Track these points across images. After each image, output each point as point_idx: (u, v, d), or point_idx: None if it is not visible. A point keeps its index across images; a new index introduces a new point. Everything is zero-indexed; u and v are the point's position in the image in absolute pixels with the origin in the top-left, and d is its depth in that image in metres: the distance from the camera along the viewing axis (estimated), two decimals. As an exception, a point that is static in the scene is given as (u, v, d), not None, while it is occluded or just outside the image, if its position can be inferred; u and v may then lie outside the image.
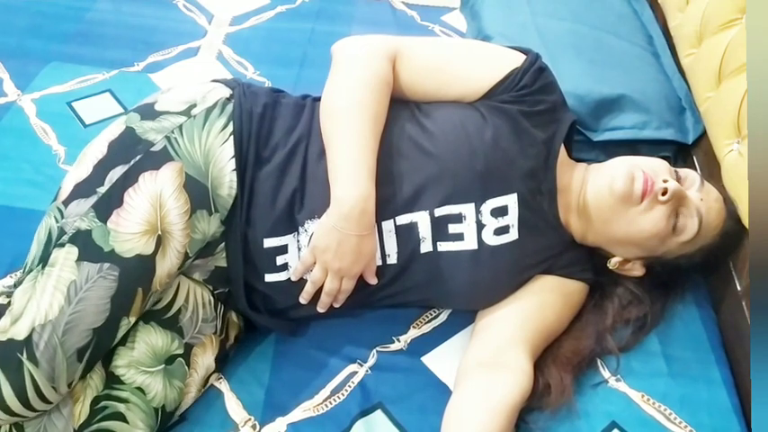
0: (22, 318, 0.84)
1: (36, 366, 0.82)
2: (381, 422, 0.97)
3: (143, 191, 0.91)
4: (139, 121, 0.96)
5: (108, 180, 0.92)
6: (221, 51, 1.69)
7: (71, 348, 0.84)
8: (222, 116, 0.97)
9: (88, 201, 0.91)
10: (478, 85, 1.01)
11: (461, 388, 0.95)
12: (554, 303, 1.03)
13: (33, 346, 0.82)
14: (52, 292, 0.85)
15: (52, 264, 0.87)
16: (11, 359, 0.82)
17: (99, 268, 0.86)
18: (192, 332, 0.98)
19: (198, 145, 0.95)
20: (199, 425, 0.97)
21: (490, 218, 0.98)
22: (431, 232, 0.98)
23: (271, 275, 0.99)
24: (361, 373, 1.03)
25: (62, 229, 0.90)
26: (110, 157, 0.95)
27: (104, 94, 1.53)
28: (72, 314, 0.84)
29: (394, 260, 0.99)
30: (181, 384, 0.96)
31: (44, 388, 0.83)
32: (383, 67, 0.98)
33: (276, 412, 0.98)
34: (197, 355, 0.98)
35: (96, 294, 0.86)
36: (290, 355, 1.05)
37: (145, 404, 0.91)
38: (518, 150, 0.98)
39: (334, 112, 0.96)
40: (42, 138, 1.41)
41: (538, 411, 0.96)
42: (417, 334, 1.08)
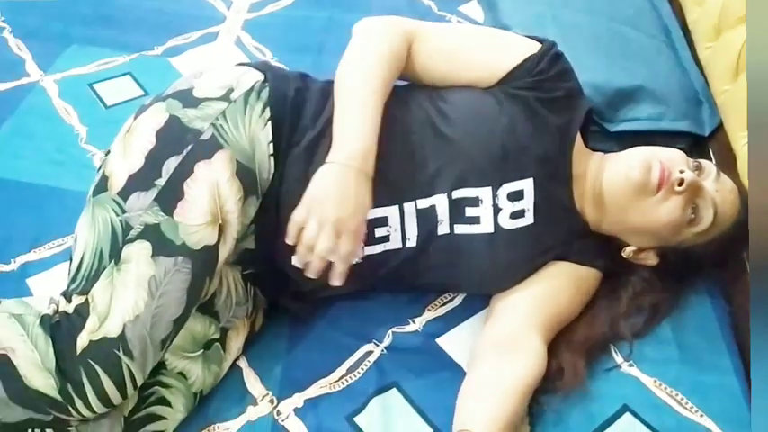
0: (111, 315, 0.85)
1: (132, 360, 0.85)
2: (396, 400, 0.99)
3: (201, 181, 0.91)
4: (182, 110, 0.96)
5: (165, 171, 0.91)
6: (240, 37, 1.70)
7: (157, 339, 0.87)
8: (259, 101, 0.98)
9: (149, 194, 0.90)
10: (494, 71, 1.02)
11: (475, 369, 0.97)
12: (567, 289, 1.05)
13: (127, 341, 0.85)
14: (135, 289, 0.86)
15: (126, 260, 0.88)
16: (109, 356, 0.84)
17: (174, 262, 0.88)
18: (227, 316, 1.00)
19: (243, 131, 0.95)
20: (218, 398, 0.99)
21: (507, 201, 0.99)
22: (448, 214, 1.00)
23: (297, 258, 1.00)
24: (377, 352, 1.05)
25: (127, 224, 0.89)
26: (160, 148, 0.94)
27: (125, 76, 1.55)
28: (156, 308, 0.86)
29: (414, 243, 1.01)
30: (217, 369, 0.98)
31: (137, 377, 0.86)
32: (396, 43, 1.00)
33: (293, 388, 1.00)
34: (231, 339, 1.01)
35: (174, 287, 0.88)
36: (306, 333, 1.07)
37: (186, 389, 0.94)
38: (533, 136, 1.00)
39: (343, 78, 0.97)
40: (64, 118, 1.43)
41: (551, 394, 0.97)
42: (432, 316, 1.10)
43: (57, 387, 0.83)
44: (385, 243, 1.01)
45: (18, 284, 1.12)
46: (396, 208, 0.99)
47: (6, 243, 1.18)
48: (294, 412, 0.97)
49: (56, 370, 0.83)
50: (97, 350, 0.84)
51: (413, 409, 0.98)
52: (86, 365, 0.83)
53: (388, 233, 1.00)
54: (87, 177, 1.25)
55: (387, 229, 1.00)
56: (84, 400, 0.83)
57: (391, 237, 1.00)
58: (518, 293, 1.04)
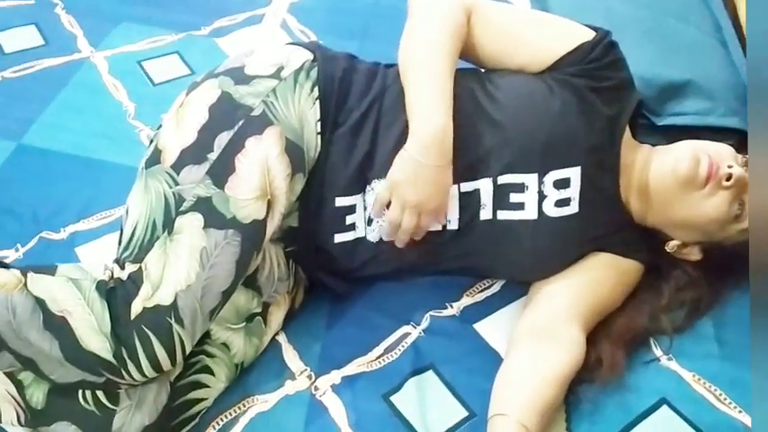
0: (163, 284, 0.87)
1: (182, 327, 0.87)
2: (433, 382, 1.00)
3: (251, 156, 0.93)
4: (234, 86, 0.97)
5: (216, 146, 0.93)
6: (285, 20, 1.71)
7: (206, 309, 0.89)
8: (308, 80, 0.99)
9: (201, 167, 0.92)
10: (547, 54, 1.01)
11: (513, 355, 0.97)
12: (609, 280, 1.04)
13: (179, 310, 0.87)
14: (187, 260, 0.88)
15: (179, 231, 0.90)
16: (161, 323, 0.86)
17: (225, 235, 0.90)
18: (269, 291, 1.01)
19: (292, 108, 0.97)
20: (258, 371, 1.01)
21: (552, 189, 0.99)
22: (492, 199, 1.00)
23: (340, 235, 1.01)
24: (415, 334, 1.05)
25: (180, 196, 0.91)
26: (212, 123, 0.95)
27: (173, 55, 1.57)
28: (206, 279, 0.88)
29: (455, 226, 1.01)
30: (258, 342, 1.00)
31: (187, 345, 0.88)
32: (458, 16, 0.99)
33: (331, 365, 1.02)
34: (272, 314, 1.02)
35: (224, 260, 0.89)
36: (345, 313, 1.08)
37: (228, 359, 0.96)
38: (583, 124, 0.99)
39: (411, 53, 0.98)
40: (113, 93, 1.46)
41: (588, 384, 0.98)
42: (470, 302, 1.10)
43: (111, 350, 0.85)
44: None
45: (67, 253, 1.15)
46: None
47: (56, 213, 1.21)
48: (331, 388, 0.99)
49: (111, 334, 0.85)
50: (150, 317, 0.86)
51: (449, 392, 0.99)
52: (140, 331, 0.86)
53: None
54: (134, 152, 1.29)
55: None
56: (136, 364, 0.86)
57: None
58: (559, 282, 1.04)
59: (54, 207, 1.22)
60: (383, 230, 1.00)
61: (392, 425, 0.95)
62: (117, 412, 0.88)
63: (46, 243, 1.17)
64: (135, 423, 0.89)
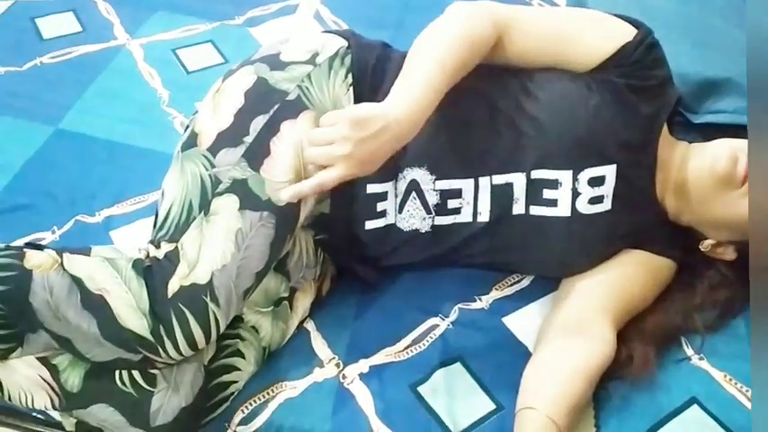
0: (200, 264, 0.88)
1: (218, 306, 0.88)
2: (460, 374, 1.00)
3: (286, 139, 0.94)
4: (269, 72, 0.98)
5: (252, 129, 0.94)
6: (318, 10, 1.72)
7: (241, 290, 0.90)
8: (343, 66, 1.00)
9: (237, 150, 0.93)
10: (589, 60, 0.99)
11: (543, 350, 0.97)
12: (641, 278, 1.03)
13: (214, 289, 0.88)
14: (223, 240, 0.89)
15: (215, 212, 0.91)
16: (197, 301, 0.87)
17: (260, 216, 0.91)
18: (297, 276, 1.02)
19: (327, 94, 0.97)
20: (287, 358, 1.02)
21: (587, 186, 0.98)
22: (525, 194, 0.99)
23: (371, 222, 1.02)
24: (443, 326, 1.06)
25: (216, 178, 0.92)
26: (248, 107, 0.97)
27: (206, 44, 1.59)
28: (241, 260, 0.89)
29: (485, 218, 1.01)
30: (284, 326, 1.01)
31: (221, 323, 0.90)
32: (482, 29, 0.96)
33: (359, 354, 1.02)
34: (298, 300, 1.03)
35: (259, 241, 0.91)
36: (373, 303, 1.09)
37: (257, 342, 0.97)
38: (621, 123, 0.98)
39: (419, 45, 0.95)
40: (148, 81, 1.48)
41: (618, 380, 0.97)
42: (500, 295, 1.10)
43: (149, 328, 0.86)
44: (455, 215, 1.02)
45: (102, 236, 1.17)
46: (471, 181, 1.00)
47: (92, 197, 1.23)
48: (359, 377, 1.00)
49: (150, 311, 0.87)
50: (187, 295, 0.87)
51: (476, 384, 0.99)
52: (177, 309, 0.87)
53: (460, 205, 1.01)
54: (168, 138, 1.31)
55: (459, 201, 1.01)
56: (173, 341, 0.87)
57: (463, 210, 1.01)
58: (590, 278, 1.03)
59: (89, 191, 1.24)
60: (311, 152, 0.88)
61: (419, 415, 0.95)
62: (155, 394, 0.90)
63: (81, 226, 1.19)
64: (172, 404, 0.90)
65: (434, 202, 1.01)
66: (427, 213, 1.02)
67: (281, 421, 0.96)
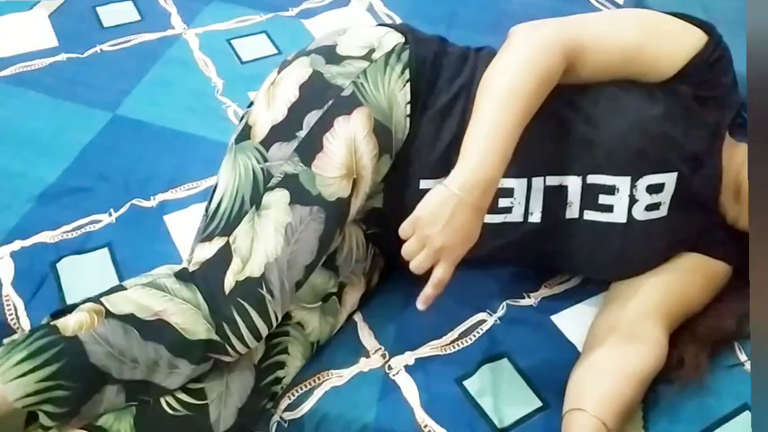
0: (252, 258, 0.90)
1: (273, 298, 0.90)
2: (507, 370, 1.00)
3: (339, 135, 0.94)
4: (325, 66, 0.99)
5: (306, 124, 0.95)
6: (371, 3, 1.72)
7: (292, 282, 0.91)
8: (399, 62, 0.99)
9: (290, 145, 0.94)
10: (660, 74, 0.95)
11: (593, 351, 0.96)
12: (696, 281, 1.01)
13: (268, 282, 0.89)
14: (274, 235, 0.91)
15: (266, 206, 0.92)
16: (254, 294, 0.89)
17: (310, 211, 0.92)
18: (346, 271, 1.03)
19: (382, 90, 0.97)
20: (333, 347, 1.03)
21: (644, 194, 0.96)
22: (579, 198, 0.98)
23: None
24: (490, 322, 1.05)
25: (268, 172, 0.93)
26: (303, 101, 0.97)
27: (260, 34, 1.61)
28: (291, 253, 0.91)
29: (537, 219, 1.00)
30: (333, 321, 1.02)
31: (279, 314, 0.91)
32: (554, 64, 0.91)
33: (405, 346, 1.03)
34: (347, 294, 1.04)
35: (308, 235, 0.92)
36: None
37: (303, 338, 0.99)
38: (684, 132, 0.95)
39: (490, 88, 0.91)
40: (203, 70, 1.50)
41: (668, 383, 0.95)
42: (548, 293, 1.09)
43: (213, 328, 0.88)
44: (506, 214, 1.01)
45: (157, 220, 1.20)
46: (524, 181, 0.99)
47: (147, 181, 1.26)
48: (404, 369, 1.00)
49: (210, 313, 0.88)
50: (244, 289, 0.89)
51: (523, 381, 0.98)
52: (237, 304, 0.88)
53: (511, 205, 1.00)
54: (221, 127, 1.34)
55: (511, 200, 1.00)
56: (238, 336, 0.88)
57: (514, 209, 1.00)
58: (645, 280, 1.01)
59: (145, 176, 1.27)
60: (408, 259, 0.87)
61: (464, 409, 0.96)
62: (210, 405, 0.91)
63: (137, 210, 1.22)
64: (230, 408, 0.92)
65: None
66: None
67: (327, 409, 0.97)
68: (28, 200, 1.21)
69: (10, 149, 1.30)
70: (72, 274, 1.11)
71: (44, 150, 1.30)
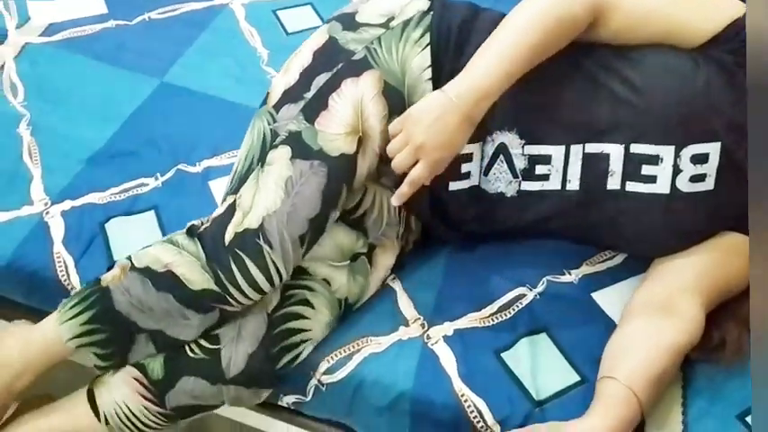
0: (252, 210, 0.93)
1: (271, 249, 0.92)
2: (546, 344, 1.00)
3: (346, 95, 0.96)
4: (341, 32, 1.02)
5: (314, 86, 0.98)
6: (417, -22, 1.71)
7: (294, 235, 0.93)
8: (419, 28, 1.00)
9: (297, 105, 0.98)
10: (697, 37, 0.96)
11: (628, 323, 0.96)
12: (737, 261, 1.00)
13: (266, 232, 0.92)
14: (274, 188, 0.94)
15: (270, 163, 0.96)
16: (252, 245, 0.92)
17: (310, 165, 0.94)
18: (376, 233, 1.04)
19: (395, 55, 0.99)
20: (372, 314, 1.04)
21: (689, 164, 0.96)
22: (622, 168, 0.97)
23: (455, 183, 1.02)
24: (530, 296, 1.05)
25: (275, 132, 0.97)
26: (314, 65, 1.01)
27: (306, 6, 1.61)
28: (291, 205, 0.93)
29: (575, 186, 1.00)
30: (363, 280, 1.03)
31: (280, 267, 0.93)
32: (574, 13, 0.93)
33: (444, 316, 1.04)
34: (378, 255, 1.05)
35: (309, 188, 0.93)
36: (460, 268, 1.10)
37: (329, 294, 1.00)
38: (728, 101, 0.94)
39: (508, 20, 0.95)
40: (249, 40, 1.51)
41: (709, 363, 0.95)
42: (590, 271, 1.09)
43: (213, 279, 0.92)
44: (543, 182, 1.01)
45: (201, 185, 1.22)
46: (562, 148, 0.98)
47: (193, 148, 1.28)
48: (443, 339, 1.01)
49: (207, 263, 0.92)
50: (241, 240, 0.92)
51: (561, 356, 0.99)
52: (234, 254, 0.92)
53: (548, 172, 1.00)
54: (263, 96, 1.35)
55: (548, 167, 1.00)
56: (236, 286, 0.92)
57: (551, 177, 1.00)
58: (684, 258, 1.00)
59: (190, 142, 1.29)
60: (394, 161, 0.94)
61: (501, 380, 0.96)
62: (222, 349, 0.96)
63: (182, 175, 1.24)
64: (240, 353, 0.96)
65: (522, 166, 1.00)
66: (514, 177, 1.01)
67: (365, 374, 0.98)
68: (78, 162, 1.24)
69: (61, 112, 1.33)
70: (119, 234, 1.14)
71: (93, 114, 1.33)
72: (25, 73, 1.39)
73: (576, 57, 0.98)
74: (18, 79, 1.38)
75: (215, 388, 0.97)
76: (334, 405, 1.02)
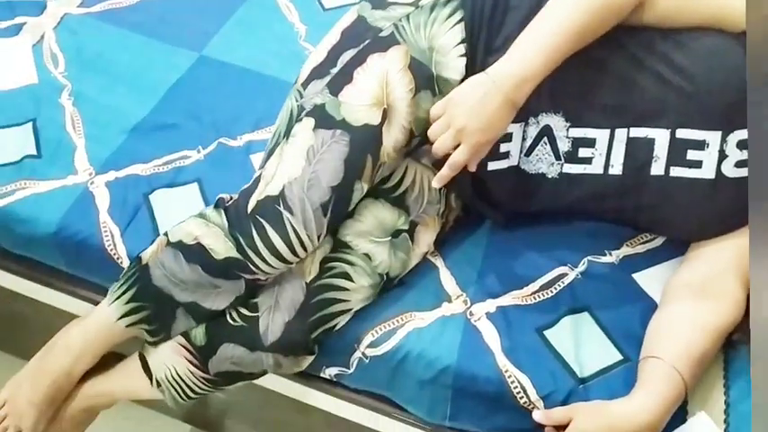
0: (274, 179, 0.95)
1: (292, 215, 0.93)
2: (588, 323, 1.01)
3: (371, 69, 0.97)
4: (370, 10, 1.04)
5: (340, 62, 1.00)
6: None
7: (316, 203, 0.93)
8: (449, 6, 1.00)
9: (323, 81, 0.99)
10: (743, 22, 0.95)
11: (670, 304, 0.97)
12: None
13: (286, 199, 0.93)
14: (296, 157, 0.95)
15: (294, 134, 0.97)
16: (272, 212, 0.93)
17: (332, 134, 0.95)
18: (417, 211, 1.05)
19: (422, 32, 0.99)
20: (415, 290, 1.05)
21: (735, 149, 0.96)
22: (667, 153, 0.98)
23: (493, 163, 1.03)
24: (571, 276, 1.06)
25: (302, 107, 0.99)
26: (342, 43, 1.03)
27: (344, -18, 1.60)
28: (312, 173, 0.94)
29: (617, 171, 1.00)
30: (404, 256, 1.04)
31: (302, 235, 0.93)
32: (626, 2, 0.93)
33: (486, 294, 1.05)
34: (420, 233, 1.06)
35: (331, 156, 0.94)
36: (502, 246, 1.11)
37: (370, 268, 1.01)
38: None
39: (552, 5, 0.93)
40: (287, 15, 1.51)
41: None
42: (630, 252, 1.09)
43: (235, 247, 0.94)
44: (586, 165, 1.01)
45: (243, 159, 1.23)
46: (606, 132, 0.99)
47: (234, 122, 1.29)
48: (486, 316, 1.02)
49: (229, 231, 0.94)
50: (262, 207, 0.94)
51: (604, 335, 1.00)
52: (255, 221, 0.93)
53: (591, 155, 1.00)
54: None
55: (591, 151, 1.00)
56: (257, 253, 0.93)
57: (594, 160, 1.00)
58: (725, 239, 1.00)
59: (230, 116, 1.30)
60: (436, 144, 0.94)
61: (545, 357, 0.98)
62: (260, 317, 0.98)
63: (224, 148, 1.25)
64: (277, 321, 0.98)
65: (565, 149, 1.01)
66: (556, 159, 1.02)
67: (409, 348, 1.00)
68: (120, 132, 1.25)
69: (101, 83, 1.34)
70: (164, 206, 1.15)
71: (134, 86, 1.33)
72: (65, 43, 1.40)
73: (621, 39, 0.97)
74: (58, 49, 1.39)
75: (254, 355, 0.98)
76: (376, 377, 1.03)
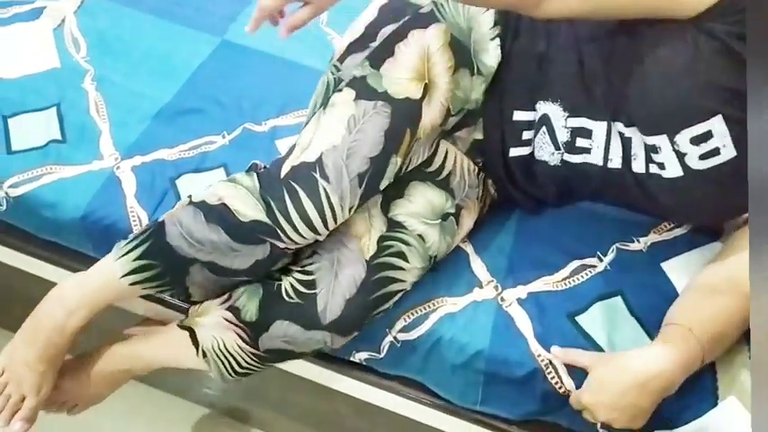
0: (311, 146, 0.93)
1: (328, 183, 0.91)
2: (619, 309, 1.02)
3: (412, 44, 0.97)
4: None
5: (380, 36, 1.00)
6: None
7: (353, 172, 0.92)
8: None
9: (363, 54, 0.99)
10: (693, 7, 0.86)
11: (694, 285, 0.97)
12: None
13: (324, 166, 0.91)
14: (336, 125, 0.94)
15: (332, 104, 0.96)
16: (308, 179, 0.91)
17: (374, 105, 0.94)
18: (461, 195, 1.06)
19: (462, 11, 1.00)
20: (446, 276, 1.06)
21: (690, 146, 0.90)
22: (643, 151, 0.95)
23: (515, 149, 1.03)
24: (601, 263, 1.07)
25: (339, 79, 0.99)
26: (380, 18, 1.04)
27: (365, -34, 1.60)
28: (352, 142, 0.92)
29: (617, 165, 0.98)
30: (450, 240, 1.04)
31: (335, 204, 0.92)
32: None
33: (517, 280, 1.05)
34: (464, 217, 1.06)
35: (372, 127, 0.93)
36: (532, 233, 1.11)
37: (423, 249, 1.00)
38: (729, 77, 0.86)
39: None
40: (307, 0, 1.50)
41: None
42: (658, 239, 1.10)
43: (264, 210, 0.92)
44: (585, 155, 1.00)
45: (268, 144, 1.23)
46: (604, 124, 0.98)
47: (259, 107, 1.29)
48: (517, 301, 1.03)
49: (260, 194, 0.93)
50: (297, 173, 0.92)
51: (635, 321, 1.00)
52: (288, 186, 0.92)
53: (589, 146, 1.00)
54: (325, 57, 1.34)
55: (589, 142, 0.99)
56: (288, 220, 0.91)
57: (593, 151, 1.00)
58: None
59: (255, 101, 1.29)
60: None
61: (578, 341, 0.98)
62: (317, 295, 0.96)
63: (249, 133, 1.24)
64: (337, 299, 0.95)
65: (564, 139, 1.00)
66: (555, 149, 1.02)
67: (441, 333, 1.01)
68: (144, 118, 1.25)
69: (123, 68, 1.33)
70: (190, 190, 1.15)
71: (156, 71, 1.33)
72: (86, 27, 1.39)
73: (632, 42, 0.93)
74: (79, 33, 1.38)
75: (309, 333, 0.96)
76: (407, 362, 1.04)
